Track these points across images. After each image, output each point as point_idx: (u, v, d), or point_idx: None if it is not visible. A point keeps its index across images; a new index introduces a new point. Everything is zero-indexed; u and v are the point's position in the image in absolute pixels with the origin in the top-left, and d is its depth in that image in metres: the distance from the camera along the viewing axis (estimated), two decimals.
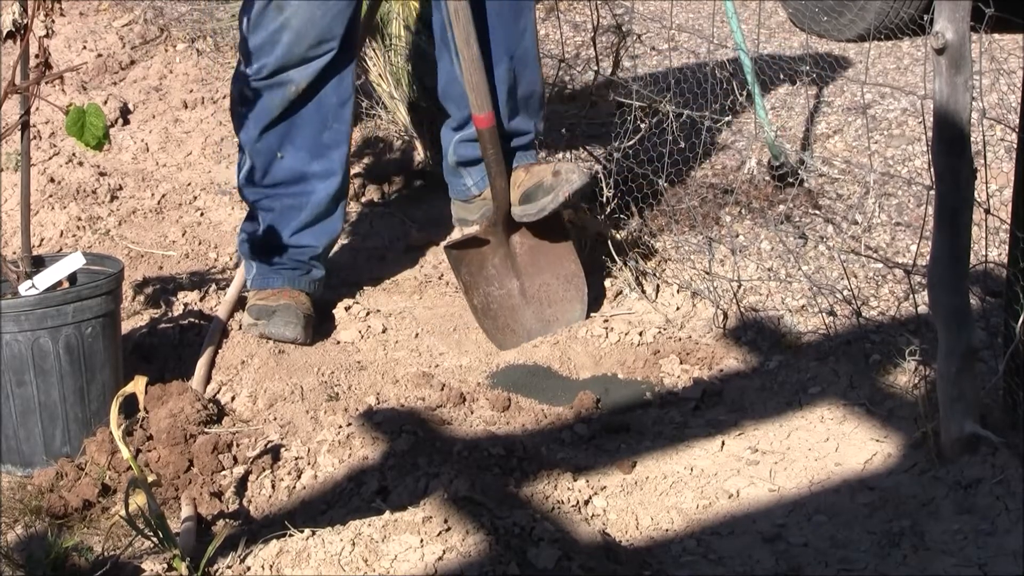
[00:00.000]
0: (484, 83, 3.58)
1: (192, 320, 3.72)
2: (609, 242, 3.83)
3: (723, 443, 3.08)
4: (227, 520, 2.91)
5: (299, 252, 3.75)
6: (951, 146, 2.69)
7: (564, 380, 3.48)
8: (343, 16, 3.55)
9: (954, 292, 2.77)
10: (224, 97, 5.29)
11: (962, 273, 2.78)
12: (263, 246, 3.75)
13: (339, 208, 3.81)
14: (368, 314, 3.84)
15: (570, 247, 3.73)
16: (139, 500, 2.69)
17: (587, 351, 3.59)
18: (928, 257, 2.81)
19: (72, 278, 3.20)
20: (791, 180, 4.13)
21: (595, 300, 3.80)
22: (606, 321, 3.68)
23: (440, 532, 2.53)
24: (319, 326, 3.73)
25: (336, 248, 4.05)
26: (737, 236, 3.93)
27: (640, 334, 3.60)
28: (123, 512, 2.72)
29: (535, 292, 3.70)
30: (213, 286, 3.93)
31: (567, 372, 3.52)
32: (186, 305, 3.82)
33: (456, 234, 3.86)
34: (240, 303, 3.77)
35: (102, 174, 4.75)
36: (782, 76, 4.82)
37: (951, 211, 2.73)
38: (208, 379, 3.49)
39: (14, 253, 3.27)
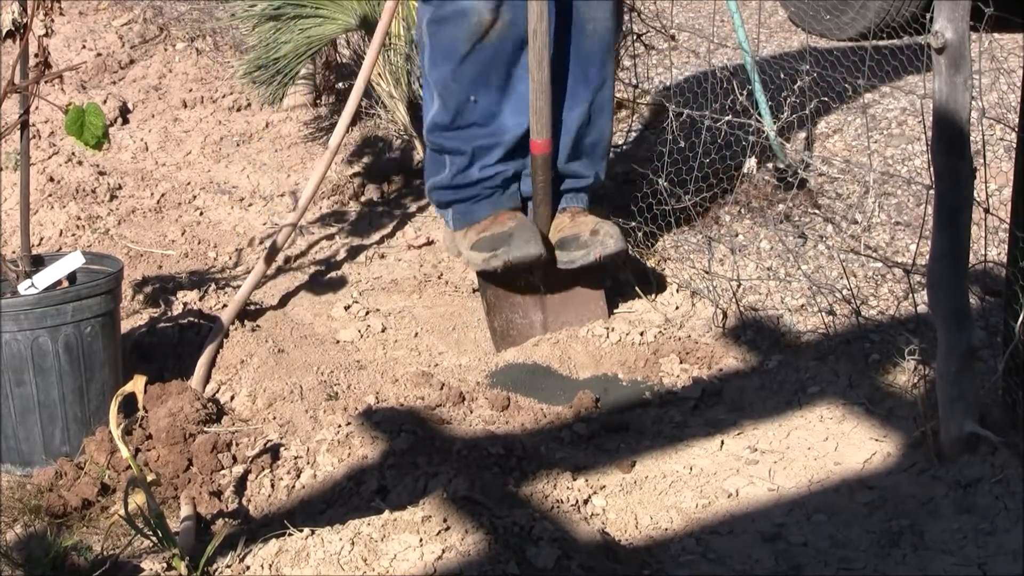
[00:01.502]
0: (548, 109, 3.56)
1: (191, 319, 3.72)
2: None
3: (722, 442, 3.09)
4: (226, 519, 2.91)
5: (492, 180, 3.71)
6: (950, 145, 2.69)
7: (564, 379, 3.48)
8: None
9: (954, 291, 2.77)
10: (223, 96, 5.30)
11: (962, 272, 2.78)
12: (458, 188, 3.72)
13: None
14: (368, 313, 3.85)
15: (600, 296, 3.73)
16: (138, 499, 2.69)
17: (587, 350, 3.59)
18: (927, 256, 2.81)
19: (71, 277, 3.21)
20: (791, 180, 4.14)
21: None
22: (606, 320, 3.68)
23: (439, 531, 2.53)
24: (319, 321, 3.74)
25: (336, 247, 4.06)
26: (736, 235, 3.93)
27: (641, 334, 3.60)
28: (122, 511, 2.72)
29: (556, 330, 3.70)
30: (212, 285, 3.93)
31: (567, 371, 3.52)
32: (185, 304, 3.82)
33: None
34: (246, 312, 3.78)
35: (101, 173, 4.75)
36: (782, 75, 4.82)
37: (950, 210, 2.73)
38: (208, 378, 3.49)
39: (13, 252, 3.28)
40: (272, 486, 3.02)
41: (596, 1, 3.58)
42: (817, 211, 4.00)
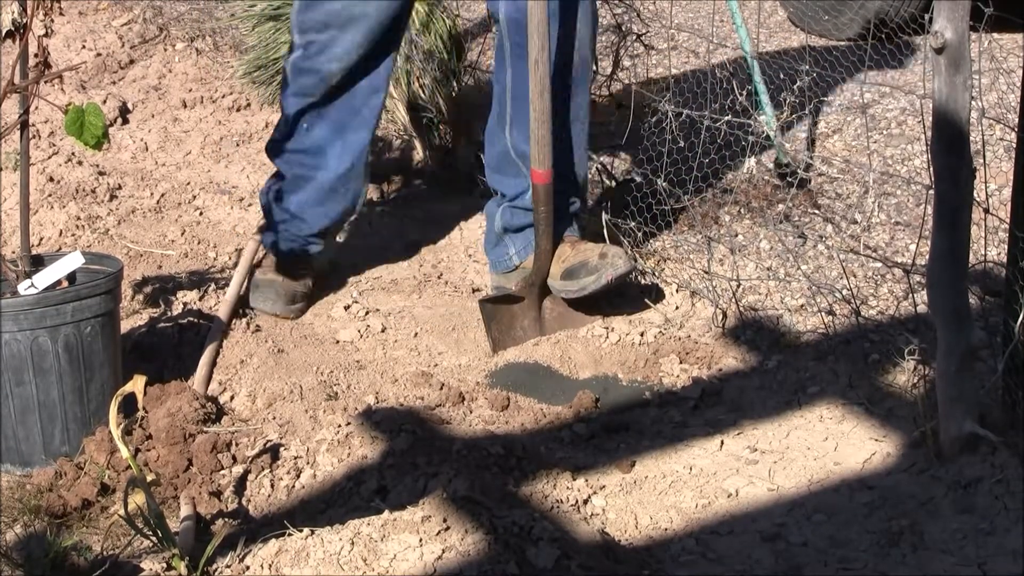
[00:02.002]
0: (549, 138, 3.57)
1: (191, 319, 3.72)
2: (607, 239, 3.84)
3: (722, 442, 3.08)
4: (226, 519, 2.91)
5: (298, 225, 3.86)
6: (950, 145, 2.69)
7: (563, 379, 3.48)
8: (388, 13, 3.60)
9: (953, 291, 2.77)
10: (223, 96, 5.30)
11: (961, 272, 2.78)
12: (273, 210, 3.87)
13: (344, 192, 3.83)
14: (367, 313, 3.85)
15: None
16: (138, 499, 2.69)
17: (587, 350, 3.59)
18: (927, 256, 2.81)
19: (71, 277, 3.20)
20: (791, 180, 4.14)
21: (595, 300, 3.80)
22: (605, 320, 3.68)
23: (439, 531, 2.53)
24: (319, 321, 3.73)
25: (335, 248, 4.05)
26: (736, 235, 3.93)
27: (640, 334, 3.60)
28: (122, 511, 2.72)
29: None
30: (212, 285, 3.93)
31: (566, 371, 3.52)
32: (185, 304, 3.82)
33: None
34: (242, 300, 3.80)
35: (101, 173, 4.75)
36: (781, 75, 4.82)
37: (950, 210, 2.73)
38: (210, 378, 3.49)
39: (13, 252, 3.27)
40: (272, 486, 3.02)
41: (568, 33, 3.58)
42: (817, 211, 4.00)
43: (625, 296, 3.79)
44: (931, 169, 2.76)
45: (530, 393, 3.38)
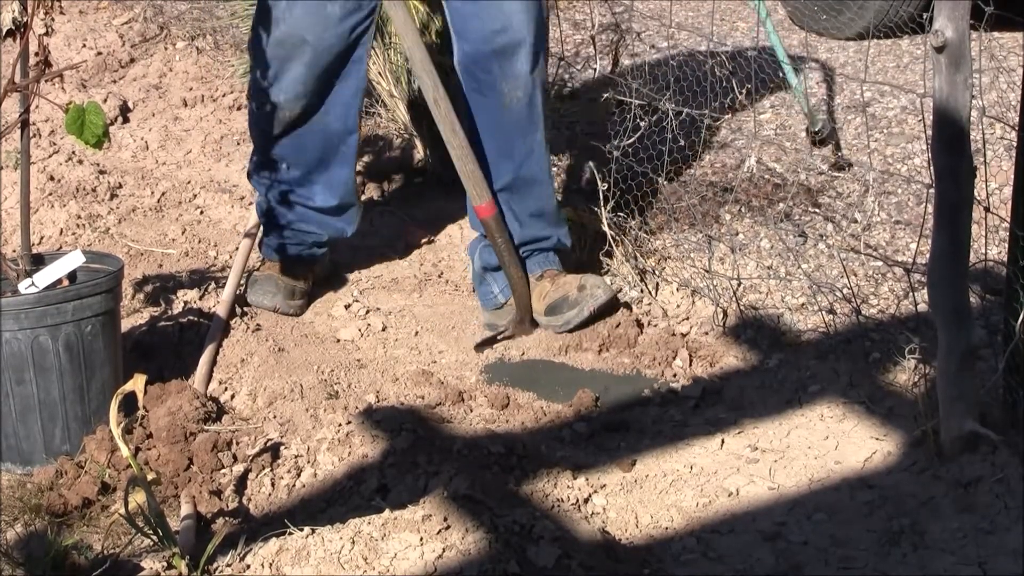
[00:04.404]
0: (478, 171, 3.58)
1: (192, 318, 3.72)
2: (609, 240, 3.84)
3: (723, 441, 3.08)
4: (227, 518, 2.91)
5: (299, 236, 3.86)
6: (951, 144, 2.69)
7: (563, 378, 3.47)
8: (328, 43, 3.58)
9: (954, 290, 2.77)
10: (224, 95, 5.29)
11: (962, 271, 2.77)
12: (270, 224, 3.89)
13: (336, 218, 3.85)
14: (368, 312, 3.85)
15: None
16: (139, 498, 2.69)
17: (586, 350, 3.58)
18: (928, 255, 2.81)
19: (72, 276, 3.20)
20: (826, 140, 4.16)
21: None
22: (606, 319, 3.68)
23: (440, 530, 2.53)
24: (320, 319, 3.73)
25: (336, 246, 4.05)
26: (737, 234, 3.93)
27: (641, 332, 3.60)
28: (123, 510, 2.72)
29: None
30: (213, 284, 3.93)
31: (566, 370, 3.52)
32: (186, 303, 3.82)
33: (487, 332, 3.84)
34: (240, 299, 3.80)
35: (102, 172, 4.75)
36: (781, 74, 4.83)
37: (951, 209, 2.72)
38: (210, 377, 3.49)
39: (14, 251, 3.27)
40: (272, 485, 3.02)
41: (514, 73, 3.56)
42: (817, 210, 4.00)
43: (625, 293, 3.80)
44: (931, 168, 2.76)
45: (530, 391, 3.38)
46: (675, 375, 3.41)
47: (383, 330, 3.76)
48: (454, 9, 3.55)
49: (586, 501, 2.86)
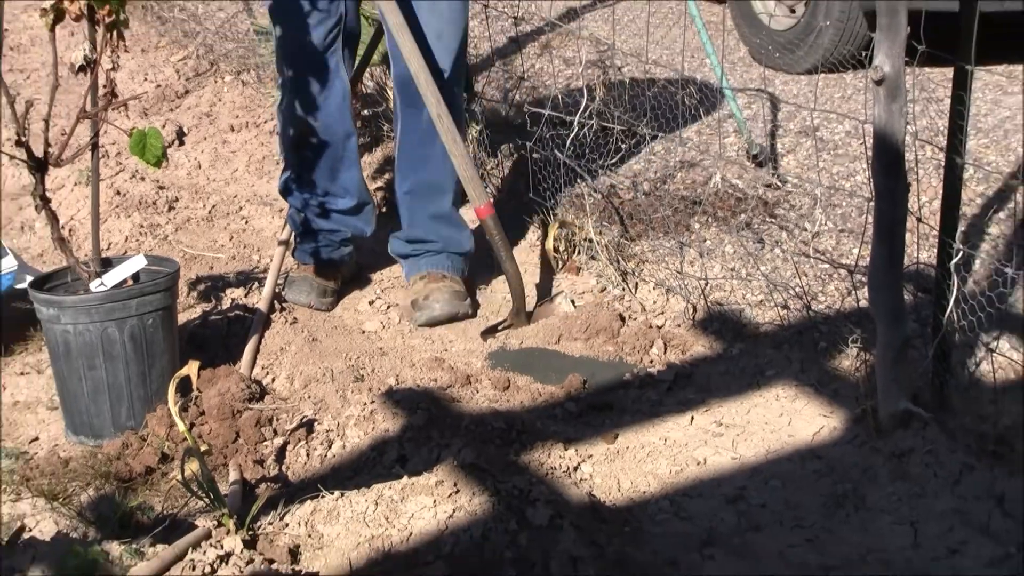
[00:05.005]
0: (477, 176, 3.58)
1: (238, 313, 3.72)
2: (596, 246, 3.83)
3: (692, 418, 3.08)
4: (268, 484, 2.91)
5: (327, 233, 3.87)
6: (888, 164, 2.69)
7: (556, 364, 3.47)
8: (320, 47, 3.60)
9: (891, 290, 2.77)
10: (265, 122, 5.29)
11: (898, 273, 2.77)
12: (303, 234, 3.89)
13: (360, 216, 3.84)
14: (388, 307, 3.85)
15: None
16: (193, 466, 2.69)
17: (576, 340, 3.58)
18: (868, 259, 2.81)
19: (136, 277, 3.21)
20: (761, 161, 4.15)
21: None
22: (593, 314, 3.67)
23: (450, 494, 2.53)
24: (347, 314, 3.72)
25: (362, 250, 4.05)
26: (704, 241, 3.93)
27: (624, 325, 3.59)
28: (179, 477, 2.72)
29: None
30: (256, 283, 3.93)
31: (558, 357, 3.52)
32: (233, 300, 3.82)
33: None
34: (278, 296, 3.81)
35: (161, 188, 4.75)
36: (741, 101, 4.83)
37: (888, 220, 2.72)
38: (254, 363, 3.49)
39: (86, 255, 3.27)
40: (307, 455, 3.02)
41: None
42: (773, 220, 4.00)
43: (608, 291, 3.80)
44: (871, 184, 2.76)
45: (527, 375, 3.38)
46: (652, 361, 3.41)
47: (400, 322, 3.76)
48: (389, 39, 3.59)
49: (575, 469, 2.86)
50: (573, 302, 3.72)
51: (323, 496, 2.62)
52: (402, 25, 3.48)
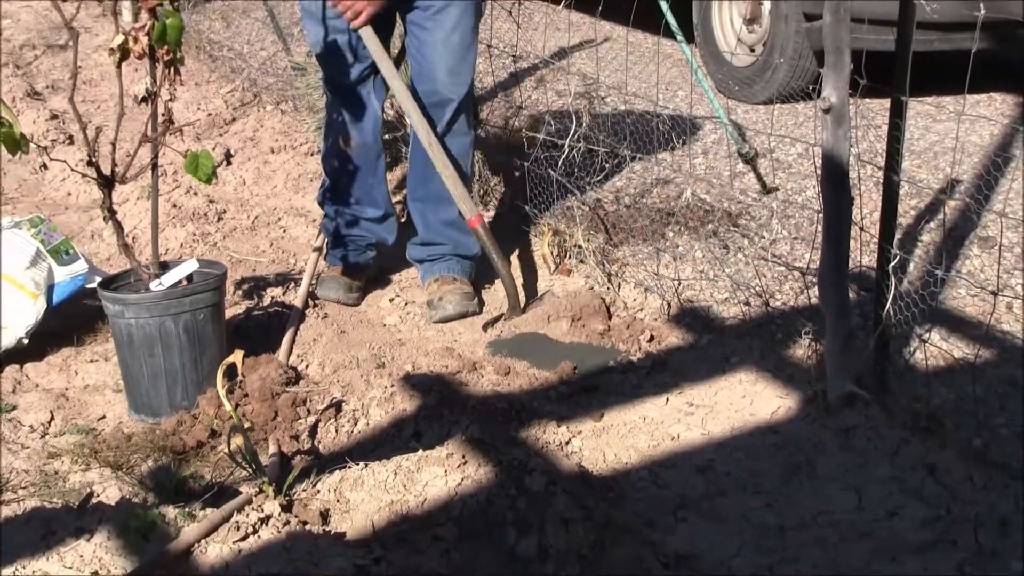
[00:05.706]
0: (466, 192, 3.58)
1: (277, 309, 3.71)
2: (584, 251, 3.82)
3: (668, 399, 3.07)
4: (302, 456, 2.90)
5: (355, 239, 3.85)
6: (835, 181, 2.68)
7: (550, 352, 3.46)
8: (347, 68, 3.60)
9: (837, 288, 2.76)
10: (301, 145, 5.28)
11: (843, 274, 2.76)
12: (334, 239, 3.86)
13: (384, 225, 3.83)
14: (406, 304, 3.83)
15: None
16: (238, 441, 2.68)
17: (567, 332, 3.56)
18: (818, 262, 2.80)
19: (189, 278, 3.19)
20: (750, 159, 4.12)
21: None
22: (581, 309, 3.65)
23: (459, 464, 2.52)
24: (371, 309, 3.70)
25: (383, 254, 4.03)
26: (678, 247, 3.91)
27: (609, 319, 3.57)
28: (226, 450, 2.71)
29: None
30: (292, 283, 3.92)
31: (552, 346, 3.50)
32: (272, 298, 3.80)
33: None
34: (312, 295, 3.79)
35: (211, 201, 4.73)
36: (707, 128, 4.81)
37: (835, 229, 2.71)
38: (290, 352, 3.47)
39: (146, 260, 3.26)
40: (336, 431, 3.01)
41: (442, 119, 3.59)
42: (736, 229, 3.98)
43: (595, 290, 3.78)
44: (821, 198, 2.74)
45: (524, 361, 3.36)
46: (633, 350, 3.39)
47: (415, 317, 3.74)
48: (412, 68, 3.62)
49: (567, 443, 2.85)
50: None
51: (349, 467, 2.60)
52: (382, 54, 3.49)
